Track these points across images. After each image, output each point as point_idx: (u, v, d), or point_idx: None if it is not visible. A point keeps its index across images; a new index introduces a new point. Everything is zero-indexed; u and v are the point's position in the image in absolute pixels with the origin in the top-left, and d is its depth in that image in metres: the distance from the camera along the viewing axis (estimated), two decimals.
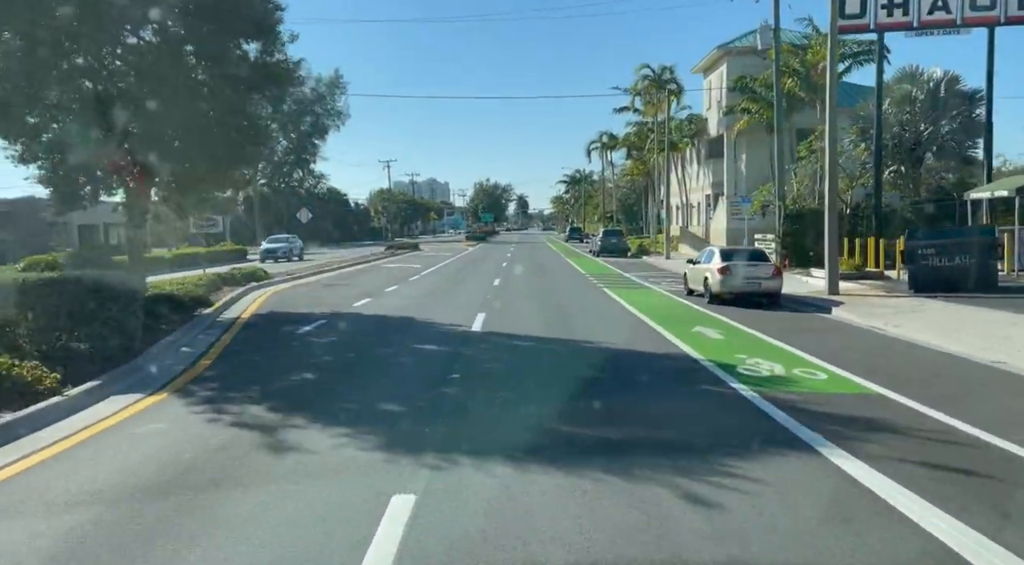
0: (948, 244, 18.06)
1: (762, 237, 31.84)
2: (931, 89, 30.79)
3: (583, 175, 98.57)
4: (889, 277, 22.42)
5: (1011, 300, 16.07)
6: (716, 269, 18.24)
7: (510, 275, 29.89)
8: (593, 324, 14.78)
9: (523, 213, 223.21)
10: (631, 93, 48.25)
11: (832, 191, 19.12)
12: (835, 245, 19.33)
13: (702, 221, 47.36)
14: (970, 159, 31.51)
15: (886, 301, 17.45)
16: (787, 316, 16.34)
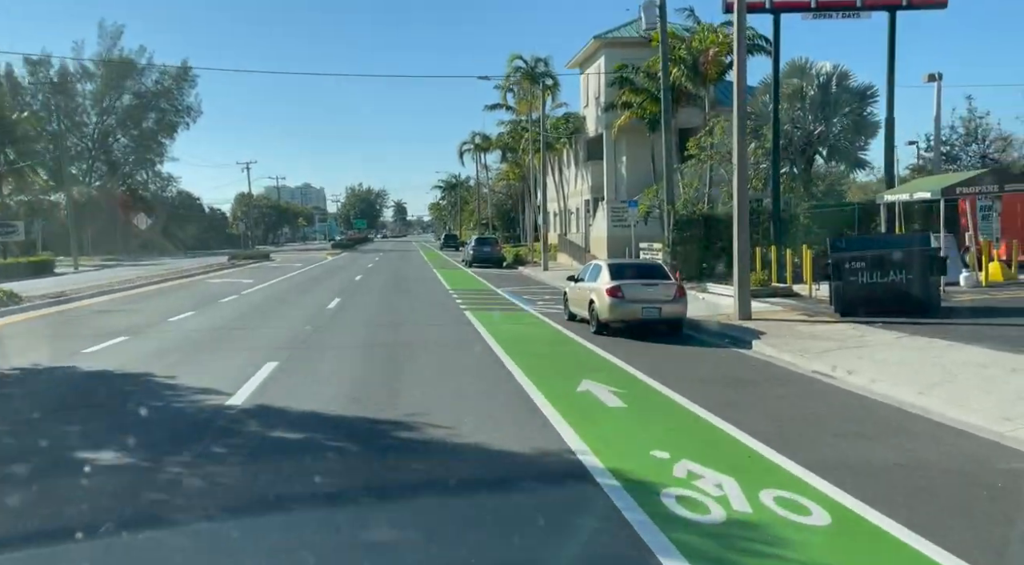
0: (881, 256, 14.66)
1: (648, 246, 28.32)
2: (822, 84, 28.34)
3: (459, 180, 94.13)
4: (799, 293, 19.06)
5: (967, 327, 12.73)
6: (605, 290, 13.96)
7: (356, 294, 24.67)
8: (435, 384, 9.97)
9: (402, 220, 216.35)
10: (502, 88, 44.07)
11: (742, 189, 15.36)
12: (746, 257, 15.58)
13: (582, 228, 43.85)
14: (862, 161, 29.39)
15: (814, 329, 13.75)
16: (699, 355, 12.24)
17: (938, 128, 26.30)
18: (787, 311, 16.35)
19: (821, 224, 25.45)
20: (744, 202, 15.42)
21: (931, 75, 26.03)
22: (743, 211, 15.36)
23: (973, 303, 15.51)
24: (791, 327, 14.09)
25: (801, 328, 13.91)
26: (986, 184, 17.24)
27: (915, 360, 10.41)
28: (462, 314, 17.92)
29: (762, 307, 17.09)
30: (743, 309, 15.37)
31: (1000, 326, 12.57)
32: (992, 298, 16.07)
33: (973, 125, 30.58)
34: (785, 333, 13.43)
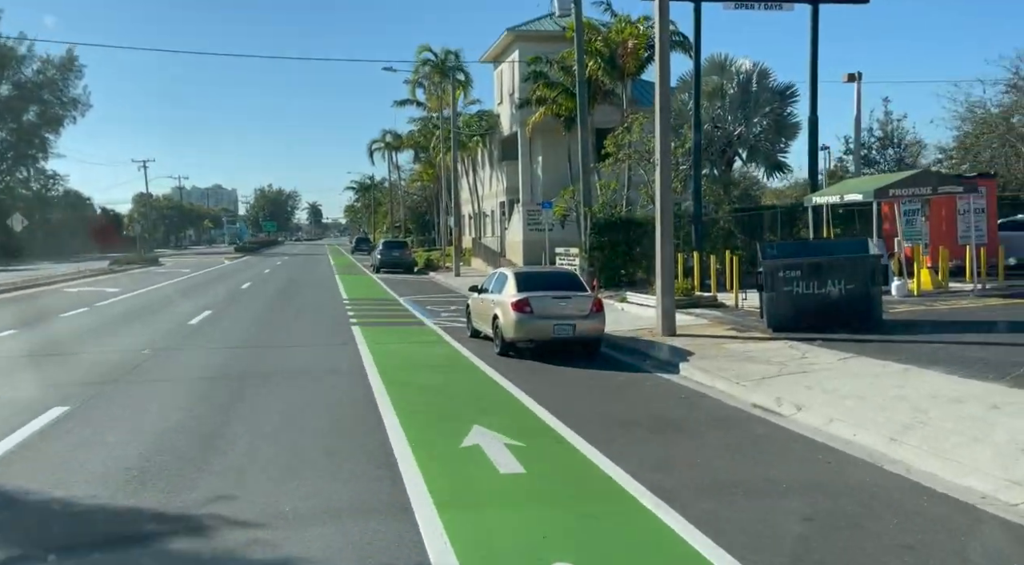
0: (818, 264, 13.11)
1: (565, 251, 26.47)
2: (742, 82, 27.29)
3: (374, 181, 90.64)
4: (725, 304, 17.48)
5: (917, 345, 11.23)
6: (510, 304, 11.84)
7: (235, 305, 21.77)
8: (270, 440, 7.41)
9: (317, 222, 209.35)
10: (410, 83, 41.44)
11: (665, 190, 13.54)
12: (670, 265, 13.77)
13: (497, 232, 41.82)
14: (781, 164, 28.47)
15: (747, 348, 12.01)
16: (619, 384, 10.23)
17: (858, 129, 25.62)
18: (714, 325, 14.65)
19: (743, 228, 24.24)
20: (668, 204, 13.61)
21: (851, 75, 25.30)
22: (666, 214, 13.55)
23: (913, 315, 14.20)
24: (721, 345, 12.32)
25: (733, 346, 12.15)
26: (920, 186, 16.08)
27: (873, 391, 8.70)
28: (349, 330, 15.45)
29: (687, 320, 15.35)
30: (667, 324, 13.55)
31: (952, 345, 11.12)
32: (930, 310, 14.82)
33: (890, 128, 30.29)
34: (715, 353, 11.63)
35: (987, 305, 14.95)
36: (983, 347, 10.73)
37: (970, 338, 11.53)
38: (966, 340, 11.40)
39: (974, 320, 13.18)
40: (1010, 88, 29.45)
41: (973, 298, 15.93)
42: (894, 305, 15.45)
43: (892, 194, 16.04)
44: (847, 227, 23.48)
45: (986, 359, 9.90)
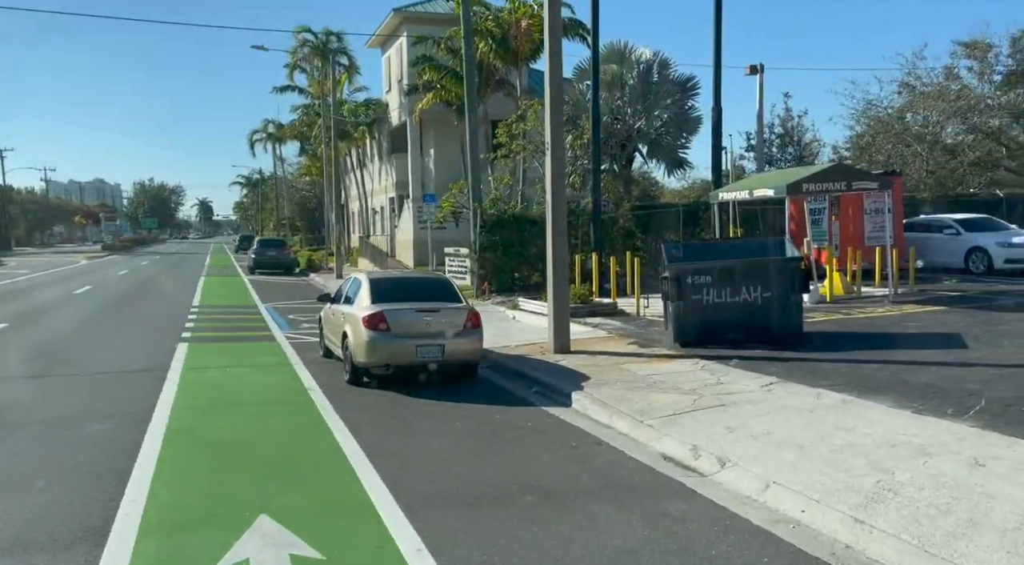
0: (730, 269, 11.26)
1: (455, 251, 24.12)
2: (642, 72, 25.67)
3: (262, 176, 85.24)
4: (625, 311, 15.57)
5: (847, 365, 9.49)
6: (362, 319, 9.33)
7: (47, 313, 18.18)
8: None
9: (208, 220, 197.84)
10: (289, 67, 37.82)
11: (557, 180, 11.35)
12: (563, 272, 11.60)
13: (387, 230, 38.96)
14: (682, 160, 27.08)
15: (652, 369, 9.98)
16: (494, 427, 7.87)
17: (760, 123, 24.53)
18: (614, 339, 12.62)
19: (644, 228, 22.61)
20: (560, 197, 11.44)
21: (753, 67, 24.17)
22: (559, 210, 11.37)
23: (832, 325, 12.63)
24: (622, 366, 10.23)
25: (635, 367, 10.09)
26: (834, 180, 14.65)
27: (813, 435, 6.74)
28: (172, 350, 12.45)
29: (584, 332, 13.29)
30: (560, 339, 11.38)
31: (888, 364, 9.44)
32: (848, 318, 13.34)
33: (790, 125, 29.60)
34: (615, 377, 9.53)
35: (905, 313, 13.63)
36: (923, 368, 9.08)
37: (904, 355, 9.91)
38: (901, 358, 9.77)
39: (901, 332, 11.70)
40: (903, 87, 29.30)
41: (889, 305, 14.64)
42: (809, 313, 13.90)
43: (805, 189, 14.54)
44: (750, 227, 22.22)
45: (934, 385, 8.20)
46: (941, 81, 27.73)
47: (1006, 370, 8.70)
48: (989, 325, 11.73)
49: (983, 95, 27.57)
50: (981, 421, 6.78)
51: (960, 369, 8.88)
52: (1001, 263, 18.28)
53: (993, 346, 10.15)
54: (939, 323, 12.22)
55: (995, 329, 11.32)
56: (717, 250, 12.61)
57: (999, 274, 18.27)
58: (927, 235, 19.86)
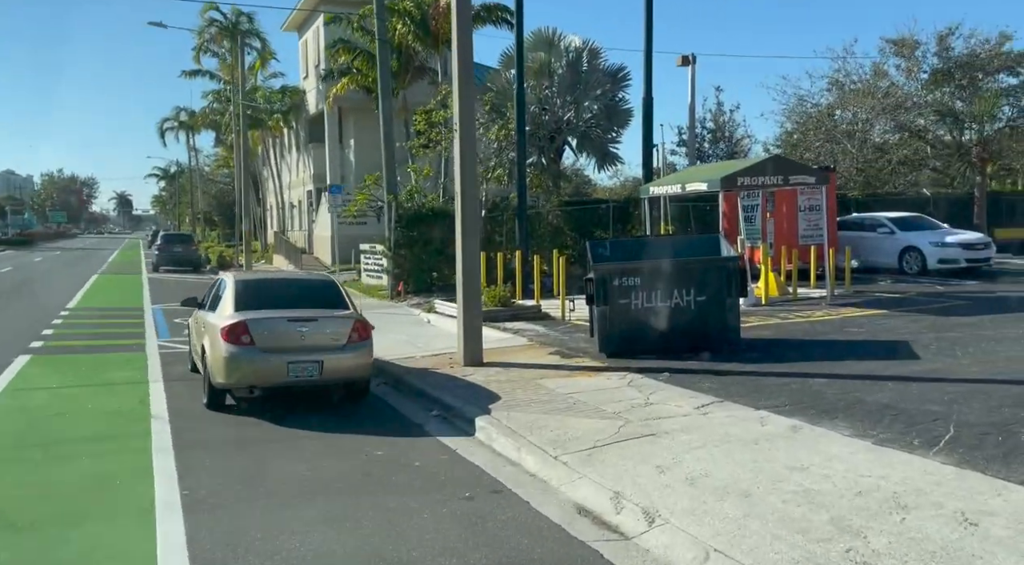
0: (661, 270, 10.02)
1: (370, 248, 22.41)
2: (571, 61, 24.44)
3: (180, 167, 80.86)
4: (550, 315, 14.25)
5: (792, 381, 8.34)
6: (221, 330, 7.64)
7: None
8: None
9: (127, 214, 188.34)
10: (196, 49, 35.06)
11: (467, 165, 9.88)
12: (476, 271, 10.14)
13: (305, 225, 36.79)
14: (613, 155, 26.01)
15: (574, 386, 8.62)
16: (374, 464, 6.31)
17: (692, 116, 23.70)
18: (534, 347, 11.23)
19: (573, 224, 21.39)
20: (470, 187, 9.97)
21: (685, 57, 23.30)
22: (469, 201, 9.91)
23: (771, 331, 11.57)
24: (540, 382, 8.85)
25: (554, 383, 8.71)
26: (771, 174, 13.65)
27: (761, 478, 5.47)
28: (4, 363, 10.41)
29: (501, 339, 11.89)
30: (471, 350, 9.93)
31: (836, 379, 8.33)
32: (787, 323, 12.32)
33: (722, 120, 28.94)
34: (530, 397, 8.13)
35: (845, 317, 12.71)
36: (877, 384, 8.00)
37: (854, 368, 8.84)
38: (851, 371, 8.69)
39: (845, 339, 10.69)
40: (832, 85, 28.98)
41: (827, 307, 13.74)
42: (745, 316, 12.82)
43: (741, 183, 13.49)
44: (683, 225, 21.31)
45: (893, 406, 7.10)
46: (870, 78, 27.49)
47: (967, 387, 7.68)
48: (935, 331, 10.85)
49: (909, 94, 27.45)
50: (956, 456, 5.64)
51: (918, 385, 7.83)
52: (935, 263, 17.76)
53: (946, 356, 9.19)
54: (883, 329, 11.30)
55: (943, 336, 10.42)
56: (648, 249, 11.38)
57: (933, 274, 17.75)
58: (860, 234, 19.25)
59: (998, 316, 11.86)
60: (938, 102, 26.46)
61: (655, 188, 15.60)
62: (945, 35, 25.76)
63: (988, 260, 18.06)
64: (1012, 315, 11.91)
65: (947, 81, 26.18)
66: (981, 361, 8.81)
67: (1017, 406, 6.90)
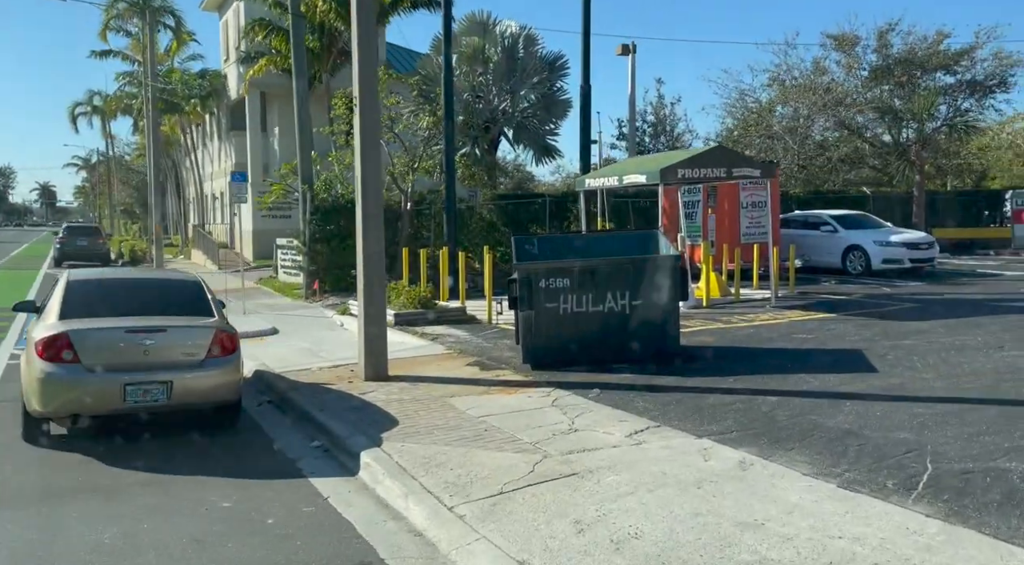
0: (593, 269, 8.81)
1: (287, 243, 20.76)
2: (507, 47, 23.16)
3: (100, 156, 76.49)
4: (476, 317, 12.95)
5: (739, 399, 7.24)
6: (37, 344, 6.07)
7: None
8: None
9: (51, 206, 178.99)
10: (103, 26, 32.42)
11: (368, 149, 8.49)
12: (379, 271, 8.74)
13: (228, 218, 34.57)
14: (551, 148, 24.83)
15: (488, 406, 7.33)
16: (209, 531, 4.86)
17: (632, 109, 22.70)
18: (452, 357, 9.90)
19: (509, 220, 20.14)
20: (373, 170, 8.57)
21: (625, 46, 22.30)
22: (371, 187, 8.51)
23: (713, 337, 10.50)
24: (449, 402, 7.53)
25: (467, 403, 7.41)
26: (714, 166, 12.62)
27: (706, 540, 4.27)
28: None
29: (416, 347, 10.55)
30: (374, 362, 8.55)
31: (788, 397, 7.26)
32: (730, 328, 11.30)
33: (663, 113, 28.12)
34: (435, 421, 6.81)
35: (792, 321, 11.78)
36: (834, 404, 6.94)
37: (806, 382, 7.79)
38: (803, 386, 7.63)
39: (794, 348, 9.69)
40: (773, 80, 28.48)
41: (771, 310, 12.82)
42: (685, 319, 11.80)
43: (681, 175, 12.42)
44: (621, 222, 20.30)
45: (856, 433, 6.03)
46: (811, 73, 27.03)
47: (936, 408, 6.68)
48: (889, 339, 9.95)
49: (849, 90, 27.11)
50: (941, 506, 4.56)
51: (881, 405, 6.80)
52: (879, 263, 17.12)
53: (905, 369, 8.24)
54: (833, 336, 10.36)
55: (899, 345, 9.51)
56: (581, 246, 10.17)
57: (877, 275, 17.12)
58: (803, 232, 18.53)
59: (951, 321, 11.07)
60: (877, 99, 26.15)
61: (591, 180, 14.43)
62: (885, 31, 25.43)
63: (932, 261, 17.54)
64: (965, 320, 11.14)
65: (886, 78, 25.87)
66: (944, 375, 7.88)
67: (996, 433, 5.91)
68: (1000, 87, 26.45)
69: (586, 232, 14.86)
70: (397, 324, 12.38)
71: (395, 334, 11.76)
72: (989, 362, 8.38)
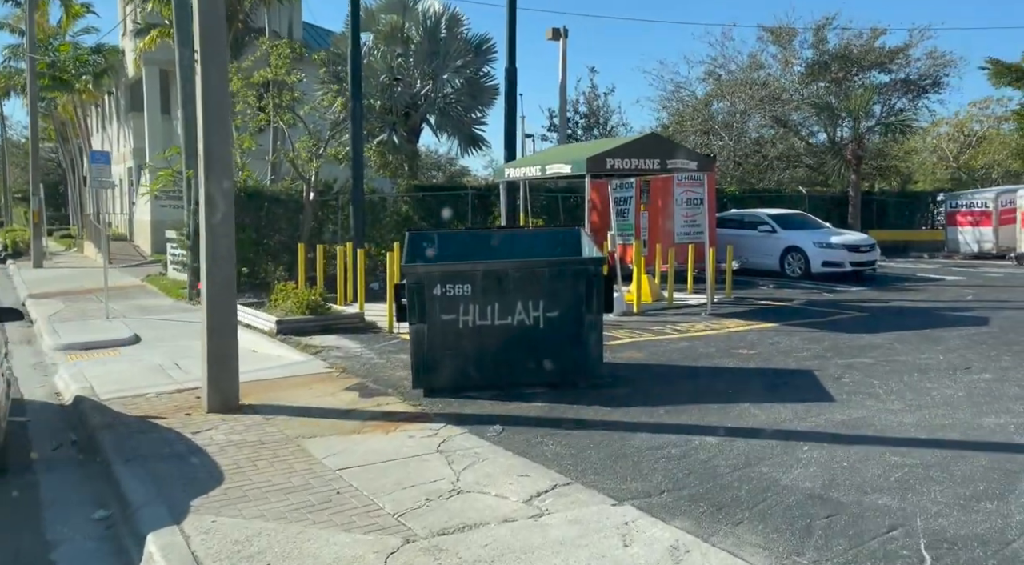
0: (499, 274, 7.24)
1: (178, 236, 18.51)
2: (429, 28, 21.43)
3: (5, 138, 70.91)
4: (375, 325, 11.24)
5: (670, 439, 5.78)
6: None
7: None
8: None
9: None
10: None
11: (210, 117, 6.70)
12: (228, 269, 6.96)
13: (127, 207, 31.78)
14: (478, 137, 23.21)
15: (354, 452, 5.66)
16: None
17: (563, 97, 21.30)
18: (330, 379, 8.16)
19: (426, 215, 18.43)
20: (220, 143, 6.79)
21: (556, 30, 20.87)
22: (216, 162, 6.72)
23: (642, 353, 9.06)
24: (304, 445, 5.82)
25: (325, 447, 5.71)
26: (646, 157, 11.21)
27: None
28: None
29: (292, 363, 8.78)
30: (220, 389, 6.77)
31: (733, 438, 5.84)
32: (663, 340, 9.90)
33: (596, 104, 26.82)
34: (273, 478, 5.10)
35: (731, 331, 10.48)
36: (789, 447, 5.54)
37: (752, 416, 6.38)
38: (749, 422, 6.22)
39: (734, 366, 8.32)
40: (708, 75, 27.56)
41: (708, 318, 11.51)
42: (613, 328, 10.39)
43: (611, 165, 10.97)
44: (551, 219, 18.87)
45: (822, 497, 4.61)
46: (747, 67, 26.19)
47: (914, 454, 5.36)
48: (841, 356, 8.71)
49: (784, 86, 26.39)
50: None
51: (846, 451, 5.42)
52: (819, 266, 16.12)
53: (866, 397, 6.94)
54: (778, 351, 9.05)
55: (853, 364, 8.26)
56: (489, 245, 8.56)
57: (817, 278, 16.13)
58: (740, 232, 17.45)
59: (905, 334, 9.94)
60: (814, 96, 25.45)
61: (511, 171, 12.85)
62: (822, 26, 24.78)
63: (873, 264, 16.67)
64: (920, 333, 10.03)
65: (823, 74, 25.20)
66: (913, 406, 6.60)
67: (997, 496, 4.58)
68: (933, 88, 26.17)
69: (495, 228, 13.29)
70: (280, 333, 10.60)
71: (273, 346, 9.98)
72: (960, 387, 7.16)
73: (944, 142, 35.38)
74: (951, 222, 23.15)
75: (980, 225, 22.29)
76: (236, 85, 16.08)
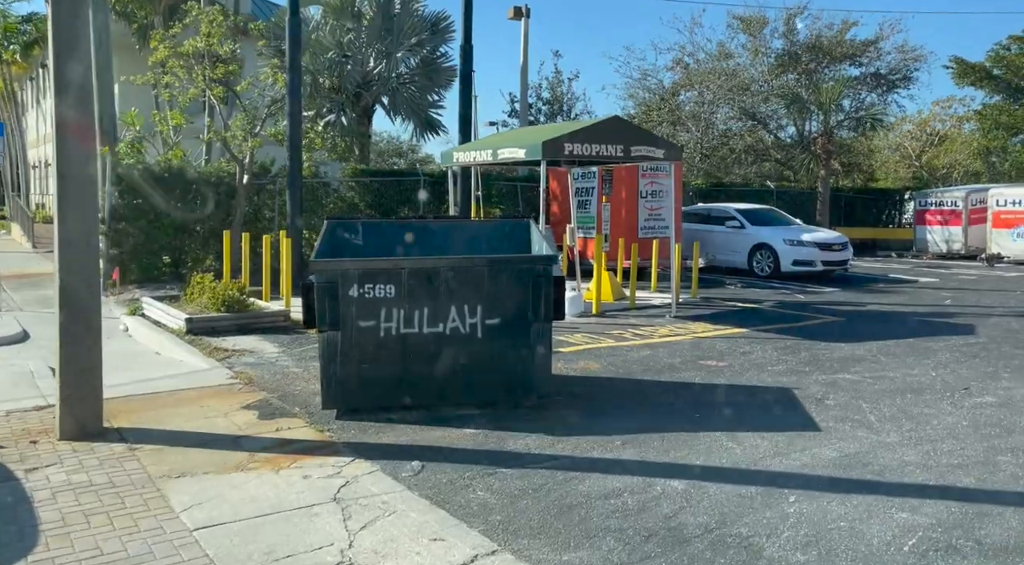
0: (430, 273, 6.06)
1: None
2: (383, 2, 20.04)
3: None
4: (300, 324, 9.94)
5: (634, 488, 4.69)
6: None
7: None
8: None
9: None
10: None
11: (68, 82, 5.39)
12: (93, 265, 5.67)
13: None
14: (434, 121, 21.88)
15: (225, 496, 4.44)
16: None
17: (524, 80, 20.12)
18: (227, 394, 6.89)
19: (373, 202, 17.13)
20: (80, 106, 5.49)
21: (518, 9, 19.67)
22: (73, 136, 5.44)
23: (597, 364, 7.94)
24: (164, 492, 4.58)
25: (188, 496, 4.48)
26: (607, 142, 10.08)
27: None
28: None
29: (192, 371, 7.51)
30: (77, 410, 5.52)
31: (697, 482, 4.75)
32: (622, 347, 8.80)
33: (560, 90, 25.65)
34: (106, 544, 3.84)
35: (697, 337, 9.44)
36: (772, 496, 4.48)
37: (721, 448, 5.31)
38: (721, 460, 5.14)
39: (701, 382, 7.24)
40: (676, 63, 26.59)
41: (672, 322, 10.47)
42: (568, 333, 9.28)
43: (569, 151, 9.82)
44: (510, 209, 17.72)
45: None
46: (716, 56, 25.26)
47: (927, 508, 4.32)
48: (821, 369, 7.71)
49: (754, 77, 25.55)
50: None
51: (842, 504, 4.37)
52: (789, 265, 15.23)
53: (857, 424, 5.92)
54: (751, 363, 8.02)
55: (836, 380, 7.26)
56: (422, 238, 7.35)
57: (787, 277, 15.24)
58: (707, 227, 16.50)
59: (889, 344, 9.01)
60: (784, 87, 24.65)
61: (461, 154, 11.61)
62: (793, 15, 23.95)
63: (845, 263, 15.83)
64: (904, 343, 9.11)
65: (793, 66, 24.40)
66: (913, 438, 5.59)
67: None
68: (903, 82, 25.58)
69: (434, 218, 12.09)
70: (191, 332, 9.27)
71: (179, 348, 8.67)
72: (962, 415, 6.19)
73: (907, 140, 35.04)
74: (920, 221, 22.56)
75: (949, 224, 21.73)
76: (163, 54, 14.57)
